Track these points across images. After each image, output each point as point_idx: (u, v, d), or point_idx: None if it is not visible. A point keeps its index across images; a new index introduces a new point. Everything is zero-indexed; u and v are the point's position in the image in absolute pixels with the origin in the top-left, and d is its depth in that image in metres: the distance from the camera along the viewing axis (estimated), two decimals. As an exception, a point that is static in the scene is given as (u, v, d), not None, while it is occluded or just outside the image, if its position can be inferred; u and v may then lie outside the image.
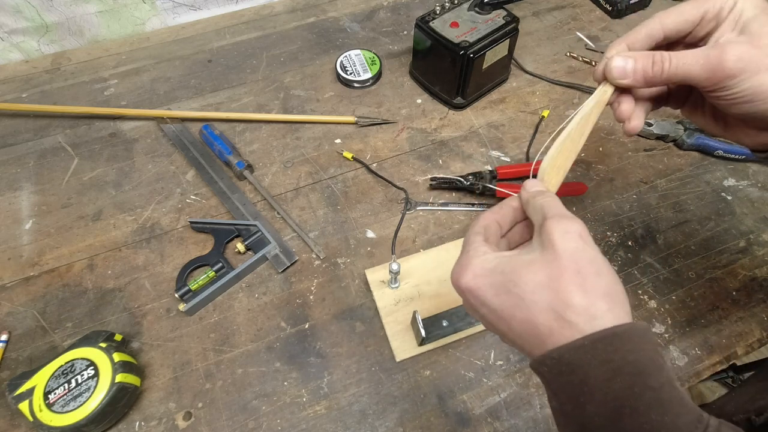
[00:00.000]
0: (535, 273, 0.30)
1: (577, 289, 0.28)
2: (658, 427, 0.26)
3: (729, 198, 0.65)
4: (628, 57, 0.36)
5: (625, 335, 0.27)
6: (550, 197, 0.34)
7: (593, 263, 0.29)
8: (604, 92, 0.38)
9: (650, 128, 0.70)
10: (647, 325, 0.29)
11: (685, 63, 0.34)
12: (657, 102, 0.42)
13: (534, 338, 0.29)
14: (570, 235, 0.30)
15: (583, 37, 0.76)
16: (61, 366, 0.48)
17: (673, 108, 0.43)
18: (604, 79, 0.38)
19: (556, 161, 0.38)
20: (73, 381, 0.47)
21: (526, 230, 0.37)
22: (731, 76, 0.33)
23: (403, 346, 0.54)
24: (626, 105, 0.39)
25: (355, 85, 0.77)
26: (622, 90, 0.39)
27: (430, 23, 0.69)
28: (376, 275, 0.58)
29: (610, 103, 0.39)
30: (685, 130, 0.69)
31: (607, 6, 0.88)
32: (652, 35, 0.37)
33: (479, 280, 0.32)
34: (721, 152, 0.68)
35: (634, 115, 0.39)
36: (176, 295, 0.56)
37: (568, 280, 0.28)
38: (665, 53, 0.35)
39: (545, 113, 0.73)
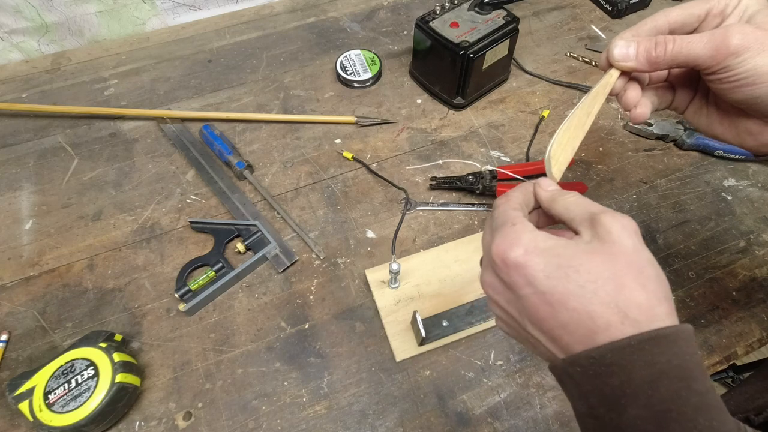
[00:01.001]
0: (599, 264, 0.28)
1: (641, 288, 0.27)
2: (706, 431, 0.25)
3: (729, 198, 0.65)
4: (630, 40, 0.36)
5: (671, 338, 0.26)
6: (579, 196, 0.33)
7: (652, 265, 0.28)
8: (610, 75, 0.39)
9: (650, 128, 0.70)
10: (692, 328, 0.28)
11: (689, 42, 0.34)
12: (662, 98, 0.42)
13: (583, 330, 0.27)
14: (628, 232, 0.28)
15: (597, 31, 0.76)
16: (61, 366, 0.48)
17: (678, 111, 0.43)
18: (610, 65, 0.38)
19: (563, 139, 0.38)
20: (73, 381, 0.47)
21: (544, 220, 0.36)
22: (735, 53, 0.33)
23: (403, 346, 0.54)
24: (633, 92, 0.39)
25: (355, 85, 0.77)
26: (629, 78, 0.39)
27: (430, 23, 0.69)
28: (376, 275, 0.58)
29: (616, 94, 0.40)
30: (685, 130, 0.69)
31: (607, 6, 0.88)
32: (657, 28, 0.37)
33: (531, 257, 0.29)
34: (721, 152, 0.68)
35: (641, 102, 0.39)
36: (176, 295, 0.56)
37: (633, 277, 0.27)
38: (668, 36, 0.35)
39: (545, 113, 0.73)
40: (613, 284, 0.27)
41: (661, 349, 0.26)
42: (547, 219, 0.36)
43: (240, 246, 0.60)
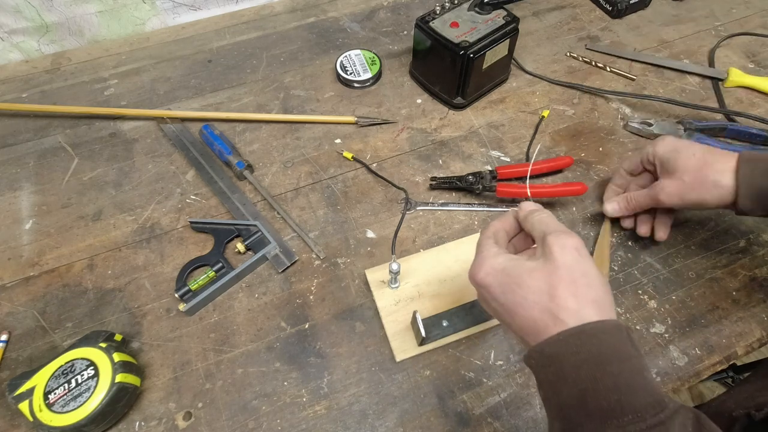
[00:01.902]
0: (537, 279, 0.36)
1: (570, 295, 0.34)
2: (614, 406, 0.31)
3: (729, 198, 0.65)
4: (614, 201, 0.59)
5: (592, 331, 0.33)
6: (546, 214, 0.41)
7: (585, 275, 0.35)
8: (606, 222, 0.62)
9: (650, 128, 0.70)
10: (620, 322, 0.34)
11: (641, 200, 0.56)
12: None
13: (532, 332, 0.35)
14: (567, 250, 0.36)
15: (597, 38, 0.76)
16: (61, 366, 0.48)
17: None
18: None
19: None
20: (73, 381, 0.47)
21: (528, 239, 0.45)
22: (665, 202, 0.53)
23: (403, 346, 0.54)
24: (643, 226, 0.60)
25: (355, 85, 0.77)
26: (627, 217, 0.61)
27: (430, 23, 0.69)
28: (376, 275, 0.58)
29: (632, 228, 0.62)
30: (685, 130, 0.69)
31: (607, 6, 0.88)
32: (623, 177, 0.61)
33: (490, 278, 0.38)
34: (721, 152, 0.68)
35: (656, 227, 0.59)
36: (176, 295, 0.56)
37: (564, 287, 0.34)
38: (631, 194, 0.58)
39: (545, 113, 0.73)
40: (546, 295, 0.35)
41: (582, 340, 0.33)
42: (528, 239, 0.45)
43: (240, 246, 0.60)
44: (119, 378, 0.47)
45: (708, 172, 0.50)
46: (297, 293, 0.58)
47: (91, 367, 0.48)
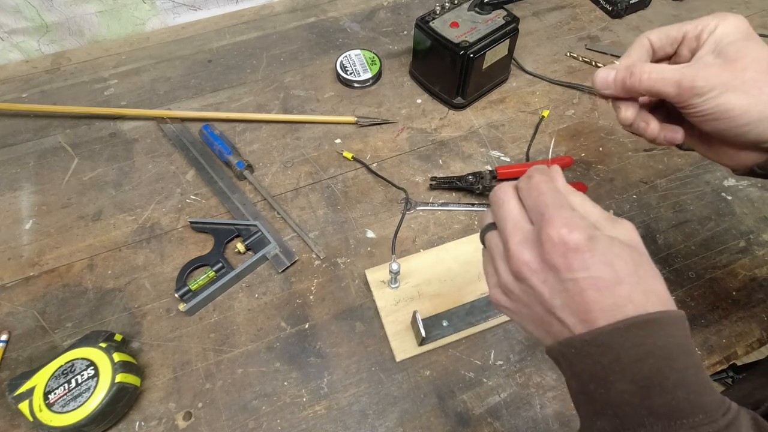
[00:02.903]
0: (628, 258, 0.30)
1: (656, 280, 0.31)
2: (683, 405, 0.28)
3: (729, 198, 0.65)
4: (611, 68, 0.39)
5: (658, 322, 0.29)
6: (536, 186, 0.33)
7: (649, 261, 0.31)
8: None
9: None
10: (682, 313, 0.30)
11: (661, 78, 0.36)
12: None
13: (618, 313, 0.30)
14: (636, 233, 0.32)
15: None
16: (61, 366, 0.48)
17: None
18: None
19: None
20: (73, 381, 0.47)
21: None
22: (698, 95, 0.35)
23: (403, 346, 0.54)
24: (652, 123, 0.41)
25: (355, 85, 0.77)
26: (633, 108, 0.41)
27: (430, 23, 0.69)
28: (376, 275, 0.58)
29: (629, 125, 0.42)
30: (685, 130, 0.69)
31: (607, 6, 0.88)
32: (643, 47, 0.40)
33: (592, 243, 0.30)
34: (721, 152, 0.68)
35: (662, 126, 0.41)
36: (176, 295, 0.56)
37: (647, 270, 0.31)
38: (645, 65, 0.37)
39: (545, 113, 0.73)
40: (636, 277, 0.30)
41: (647, 332, 0.29)
42: None
43: (240, 246, 0.60)
44: (119, 378, 0.47)
45: None
46: (297, 293, 0.58)
47: (91, 367, 0.48)
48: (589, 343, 0.30)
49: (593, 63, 0.80)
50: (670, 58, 0.40)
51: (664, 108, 0.42)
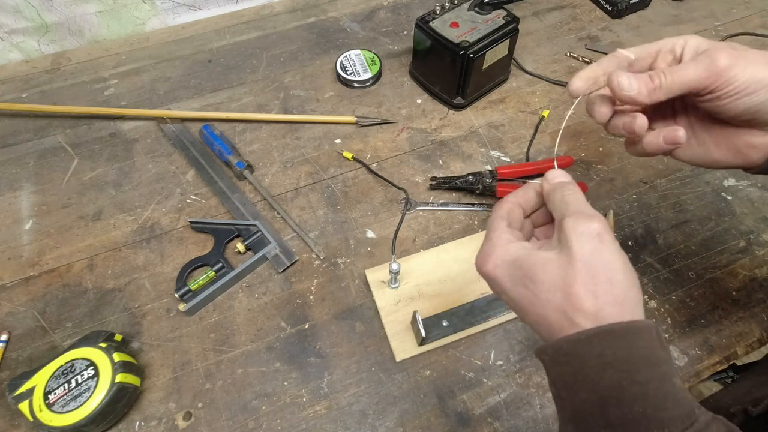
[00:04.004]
0: (551, 273, 0.31)
1: (588, 294, 0.30)
2: (640, 418, 0.28)
3: (729, 198, 0.65)
4: (631, 75, 0.36)
5: (621, 333, 0.29)
6: (571, 190, 0.34)
7: (607, 269, 0.30)
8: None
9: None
10: (651, 324, 0.30)
11: (681, 71, 0.35)
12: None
13: (545, 330, 0.32)
14: (586, 237, 0.31)
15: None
16: (61, 366, 0.48)
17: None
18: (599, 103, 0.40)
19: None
20: (73, 381, 0.47)
21: (550, 213, 0.37)
22: (727, 69, 0.34)
23: (403, 346, 0.54)
24: (640, 118, 0.39)
25: (355, 85, 0.77)
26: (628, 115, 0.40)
27: (430, 23, 0.69)
28: (376, 275, 0.58)
29: (627, 130, 0.40)
30: (685, 130, 0.69)
31: (607, 6, 0.88)
32: (620, 63, 0.39)
33: (499, 270, 0.34)
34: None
35: (670, 130, 0.39)
36: (176, 295, 0.56)
37: (581, 284, 0.30)
38: (658, 70, 0.36)
39: (545, 113, 0.73)
40: (561, 293, 0.30)
41: (608, 343, 0.29)
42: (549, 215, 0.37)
43: (240, 246, 0.60)
44: (119, 378, 0.47)
45: None
46: (297, 293, 0.58)
47: (91, 367, 0.48)
48: (557, 351, 0.31)
49: (593, 63, 0.80)
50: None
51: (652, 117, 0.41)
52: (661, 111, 0.43)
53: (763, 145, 0.38)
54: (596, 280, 0.30)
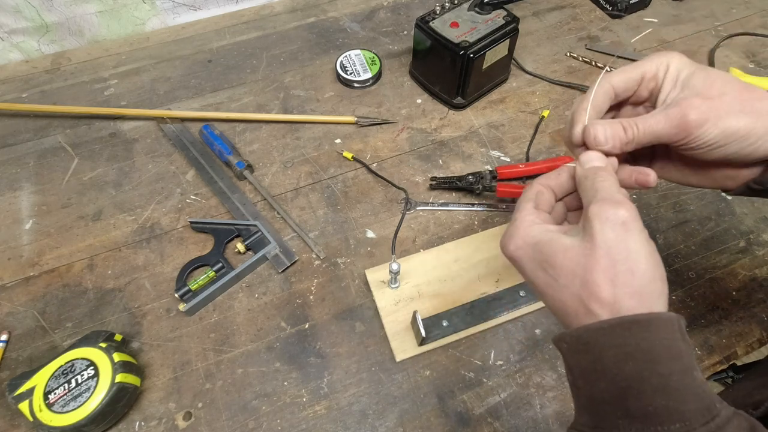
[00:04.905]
0: (571, 259, 0.31)
1: (606, 283, 0.29)
2: (660, 410, 0.28)
3: (729, 198, 0.65)
4: (607, 127, 0.36)
5: (644, 324, 0.29)
6: (603, 177, 0.33)
7: (629, 259, 0.29)
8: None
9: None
10: (674, 316, 0.29)
11: (651, 125, 0.35)
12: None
13: (563, 317, 0.32)
14: (610, 224, 0.30)
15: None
16: (61, 366, 0.48)
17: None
18: (582, 144, 0.38)
19: None
20: (73, 381, 0.47)
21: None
22: (697, 127, 0.34)
23: (403, 346, 0.54)
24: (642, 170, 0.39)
25: (355, 85, 0.77)
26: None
27: (430, 23, 0.69)
28: (376, 275, 0.58)
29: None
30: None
31: (607, 6, 0.88)
32: (607, 94, 0.38)
33: (520, 252, 0.34)
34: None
35: (638, 170, 0.39)
36: (176, 295, 0.56)
37: (599, 272, 0.29)
38: (630, 120, 0.36)
39: (545, 113, 0.73)
40: (579, 280, 0.30)
41: (631, 333, 0.29)
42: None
43: (240, 246, 0.60)
44: (119, 378, 0.47)
45: (753, 95, 0.34)
46: (297, 293, 0.58)
47: (91, 367, 0.48)
48: (576, 339, 0.31)
49: (593, 63, 0.80)
50: (628, 99, 0.39)
51: (629, 155, 0.41)
52: None
53: (739, 176, 0.39)
54: (616, 270, 0.29)
